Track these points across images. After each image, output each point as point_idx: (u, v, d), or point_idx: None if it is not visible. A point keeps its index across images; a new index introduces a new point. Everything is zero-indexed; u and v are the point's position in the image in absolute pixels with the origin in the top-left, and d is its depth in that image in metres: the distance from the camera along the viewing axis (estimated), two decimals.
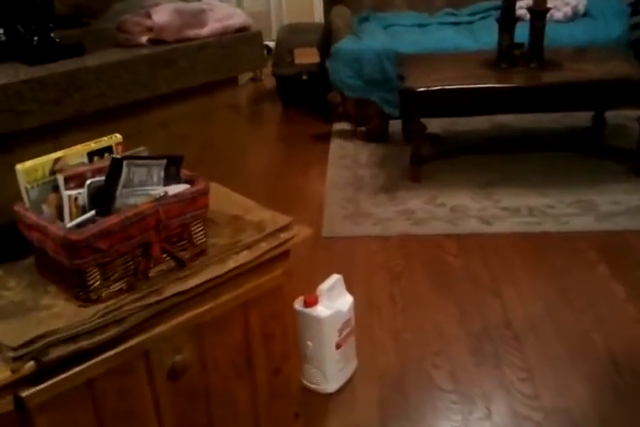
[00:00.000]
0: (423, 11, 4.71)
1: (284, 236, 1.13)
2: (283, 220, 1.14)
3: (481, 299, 2.37)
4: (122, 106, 1.20)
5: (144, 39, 1.21)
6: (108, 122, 1.20)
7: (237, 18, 1.29)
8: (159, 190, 1.04)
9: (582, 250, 2.65)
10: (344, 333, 1.95)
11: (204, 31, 1.25)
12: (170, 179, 1.09)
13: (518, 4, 4.28)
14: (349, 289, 2.46)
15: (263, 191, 3.38)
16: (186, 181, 1.11)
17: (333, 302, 1.93)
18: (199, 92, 1.30)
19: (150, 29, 1.21)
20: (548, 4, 4.13)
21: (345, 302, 1.98)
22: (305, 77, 4.58)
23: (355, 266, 2.65)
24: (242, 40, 1.28)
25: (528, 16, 3.26)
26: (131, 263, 1.01)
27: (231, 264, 1.07)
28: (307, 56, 4.92)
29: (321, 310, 1.88)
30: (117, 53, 1.20)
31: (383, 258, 2.70)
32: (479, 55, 3.56)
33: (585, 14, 4.31)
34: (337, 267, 2.62)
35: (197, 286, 1.03)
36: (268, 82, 5.16)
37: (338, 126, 4.20)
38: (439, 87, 3.03)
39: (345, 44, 4.10)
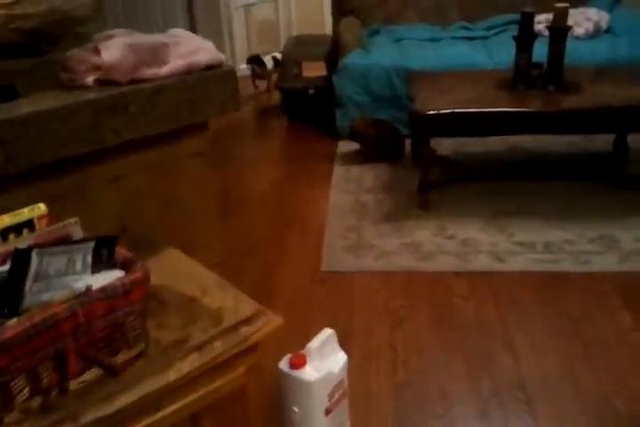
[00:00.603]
0: (436, 23, 4.50)
1: (245, 331, 0.92)
2: (246, 308, 0.92)
3: (491, 352, 2.15)
4: (61, 161, 0.99)
5: (90, 80, 1.01)
6: (42, 181, 1.00)
7: (206, 53, 1.08)
8: (83, 281, 0.83)
9: (604, 293, 2.42)
10: (335, 396, 1.72)
11: (164, 70, 1.05)
12: (100, 264, 0.88)
13: (537, 19, 4.06)
14: (347, 334, 2.26)
15: (261, 217, 3.17)
16: (122, 265, 0.89)
17: (324, 361, 1.71)
18: (158, 140, 1.09)
19: (98, 68, 1.00)
20: (569, 20, 3.91)
21: (337, 360, 1.75)
22: (311, 92, 4.37)
23: (354, 307, 2.43)
24: (210, 79, 1.08)
25: (547, 32, 3.03)
26: (43, 377, 0.80)
27: (171, 376, 0.85)
28: (314, 69, 4.71)
29: (309, 372, 1.66)
30: (56, 97, 0.99)
31: (385, 298, 2.48)
32: (494, 75, 3.34)
33: (607, 31, 4.08)
34: (334, 308, 2.42)
35: (127, 405, 0.81)
36: (276, 95, 4.96)
37: (344, 145, 3.98)
38: (450, 110, 2.81)
39: (352, 58, 3.90)
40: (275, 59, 4.86)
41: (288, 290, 2.57)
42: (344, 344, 2.19)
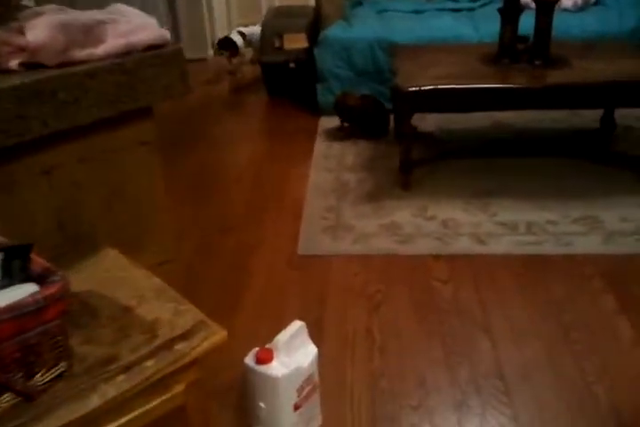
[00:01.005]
0: None
1: (182, 347, 0.83)
2: (185, 320, 0.84)
3: (470, 337, 2.09)
4: None
5: (14, 63, 0.91)
6: None
7: (148, 31, 0.97)
8: None
9: (587, 277, 2.36)
10: (304, 391, 1.66)
11: (99, 51, 0.94)
12: (11, 277, 0.79)
13: None
14: (321, 320, 2.20)
15: (238, 195, 3.08)
16: (38, 278, 0.80)
17: (292, 355, 1.64)
18: (97, 128, 0.99)
19: (23, 50, 0.90)
20: None
21: (307, 354, 1.68)
22: (292, 65, 4.24)
23: (330, 292, 2.36)
24: (152, 61, 0.97)
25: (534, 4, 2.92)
26: None
27: (95, 401, 0.77)
28: (296, 42, 4.57)
29: (276, 367, 1.59)
30: None
31: (363, 282, 2.41)
32: (479, 48, 3.23)
33: (597, 3, 3.96)
34: (310, 293, 2.35)
35: None
36: (255, 69, 4.81)
37: (325, 121, 3.87)
38: (432, 87, 2.70)
39: (334, 31, 3.78)
40: (241, 33, 4.70)
41: (263, 274, 2.49)
42: (319, 331, 2.14)
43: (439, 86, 2.69)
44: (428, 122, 3.77)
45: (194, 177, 3.32)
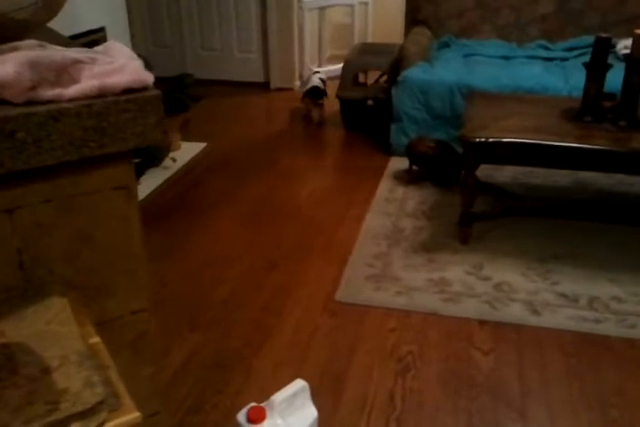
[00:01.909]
0: (513, 40, 4.18)
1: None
2: (92, 395, 0.73)
3: (501, 421, 1.88)
4: None
5: None
6: None
7: (126, 74, 0.89)
8: None
9: None
10: None
11: (70, 92, 0.86)
12: None
13: (624, 43, 3.71)
14: (343, 376, 2.05)
15: (290, 231, 2.99)
16: None
17: (287, 417, 1.51)
18: (66, 169, 0.91)
19: None
20: None
21: (304, 418, 1.55)
22: (370, 103, 4.15)
23: (361, 346, 2.21)
24: (126, 106, 0.89)
25: None
26: None
27: None
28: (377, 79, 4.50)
29: None
30: None
31: (397, 340, 2.24)
32: (563, 102, 3.03)
33: None
34: (338, 344, 2.21)
35: None
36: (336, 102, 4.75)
37: (395, 162, 3.75)
38: (499, 139, 2.53)
39: (414, 72, 3.66)
40: (322, 80, 4.62)
41: (295, 316, 2.37)
42: (338, 387, 2.00)
43: (504, 139, 2.51)
44: (504, 173, 3.58)
45: (254, 205, 3.26)
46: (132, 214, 1.00)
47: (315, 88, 4.40)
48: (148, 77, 0.92)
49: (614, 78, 2.69)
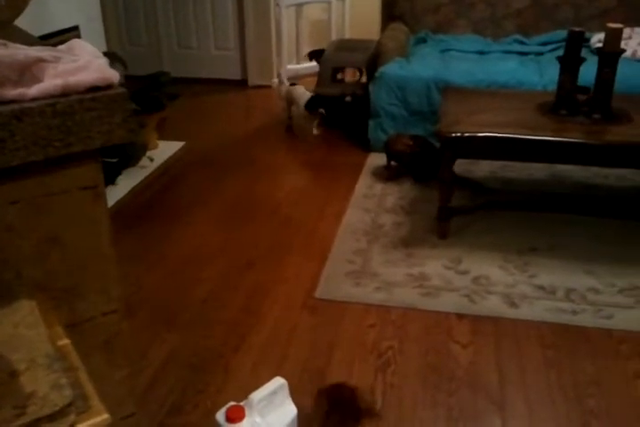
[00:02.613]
0: (489, 35, 4.20)
1: None
2: (60, 398, 0.72)
3: (480, 414, 1.89)
4: None
5: None
6: None
7: (90, 72, 0.88)
8: None
9: (623, 357, 2.12)
10: None
11: (33, 91, 0.85)
12: None
13: (596, 37, 3.74)
14: (323, 373, 2.05)
15: (268, 229, 2.99)
16: None
17: (267, 416, 1.51)
18: (31, 169, 0.90)
19: None
20: (633, 40, 3.58)
21: (284, 415, 1.55)
22: (348, 99, 4.15)
23: (341, 342, 2.21)
24: (91, 105, 0.88)
25: None
26: None
27: None
28: (355, 76, 4.51)
29: None
30: None
31: (377, 335, 2.25)
32: (538, 96, 3.06)
33: None
34: (319, 341, 2.21)
35: None
36: None
37: (373, 158, 3.75)
38: (475, 134, 2.54)
39: (391, 68, 3.67)
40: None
41: (274, 314, 2.37)
42: (318, 384, 2.00)
43: (480, 134, 2.52)
44: (481, 167, 3.60)
45: (233, 204, 3.25)
46: (100, 215, 0.99)
47: (314, 98, 3.93)
48: (113, 75, 0.91)
49: (588, 72, 2.71)
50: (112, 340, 1.15)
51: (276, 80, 5.37)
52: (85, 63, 0.89)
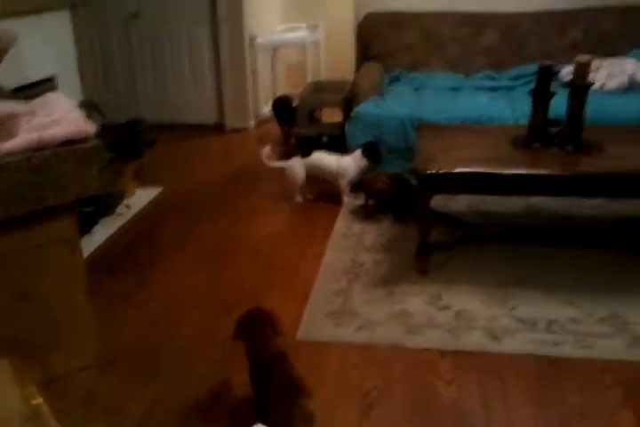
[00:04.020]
0: (461, 71, 4.30)
1: None
2: None
3: None
4: None
5: None
6: None
7: (65, 125, 0.90)
8: None
9: (606, 386, 2.12)
10: None
11: (7, 146, 0.87)
12: None
13: (566, 70, 3.83)
14: (307, 417, 2.02)
15: (248, 272, 2.98)
16: None
17: None
18: (4, 225, 0.90)
19: None
20: (601, 72, 3.67)
21: None
22: (325, 139, 4.21)
23: (323, 384, 2.19)
24: (65, 157, 0.89)
25: None
26: None
27: None
28: (332, 116, 4.58)
29: None
30: None
31: (360, 376, 2.23)
32: (511, 130, 3.12)
33: None
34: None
35: None
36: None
37: (349, 199, 3.77)
38: (450, 171, 2.58)
39: (366, 107, 3.73)
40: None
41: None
42: None
43: (455, 170, 2.56)
44: (458, 201, 3.63)
45: (212, 248, 3.25)
46: (75, 268, 0.99)
47: (371, 144, 3.60)
48: (89, 128, 0.93)
49: (559, 104, 2.78)
50: (89, 395, 1.14)
51: (252, 122, 5.42)
52: (60, 117, 0.91)
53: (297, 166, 3.66)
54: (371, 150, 3.58)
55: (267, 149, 3.71)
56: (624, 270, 2.81)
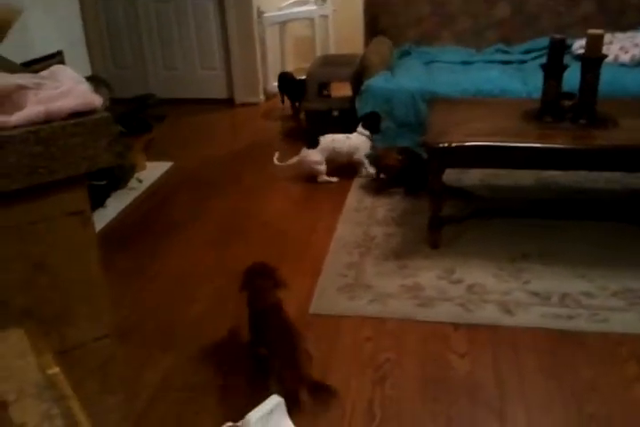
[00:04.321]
0: (472, 45, 4.23)
1: None
2: None
3: (479, 424, 1.88)
4: None
5: None
6: None
7: (72, 98, 0.88)
8: None
9: (620, 360, 2.12)
10: None
11: (14, 118, 0.85)
12: None
13: (578, 44, 3.78)
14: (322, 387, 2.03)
15: (259, 246, 2.98)
16: None
17: None
18: (16, 197, 0.90)
19: None
20: (614, 45, 3.61)
21: None
22: (335, 114, 4.17)
23: (337, 356, 2.20)
24: (74, 130, 0.88)
25: None
26: None
27: None
28: (342, 90, 4.53)
29: None
30: None
31: (373, 348, 2.24)
32: (524, 103, 3.08)
33: None
34: (314, 357, 2.18)
35: None
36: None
37: (369, 169, 3.75)
38: (462, 144, 2.55)
39: (376, 81, 3.69)
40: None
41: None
42: (315, 401, 1.98)
43: (467, 143, 2.54)
44: (470, 175, 3.61)
45: (223, 222, 3.25)
46: (88, 240, 0.98)
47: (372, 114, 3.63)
48: (96, 100, 0.91)
49: (572, 78, 2.73)
50: (105, 365, 1.14)
51: (262, 97, 5.39)
52: (67, 89, 0.89)
53: (313, 156, 3.61)
54: (371, 121, 3.58)
55: (277, 155, 3.67)
56: (638, 244, 2.79)
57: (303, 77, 4.46)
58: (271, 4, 5.32)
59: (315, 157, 3.61)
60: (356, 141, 3.60)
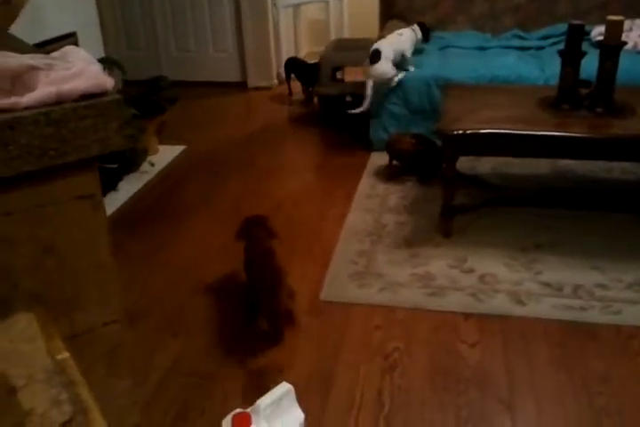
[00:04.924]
0: (488, 31, 4.17)
1: None
2: (60, 414, 0.71)
3: (489, 414, 1.87)
4: None
5: None
6: None
7: (84, 79, 0.86)
8: None
9: (633, 353, 2.10)
10: None
11: (26, 100, 0.84)
12: None
13: (597, 30, 3.71)
14: (330, 377, 2.03)
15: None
16: None
17: (273, 422, 1.49)
18: (26, 180, 0.88)
19: None
20: (633, 32, 3.55)
21: (291, 422, 1.53)
22: (349, 99, 4.14)
23: (346, 344, 2.20)
24: (85, 112, 0.86)
25: None
26: None
27: None
28: (355, 75, 4.49)
29: None
30: None
31: (382, 337, 2.23)
32: (541, 90, 3.03)
33: None
34: (325, 344, 2.19)
35: None
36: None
37: (375, 158, 3.73)
38: (476, 131, 2.52)
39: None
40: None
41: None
42: (326, 387, 1.98)
43: (482, 131, 2.50)
44: (483, 163, 3.57)
45: (235, 206, 3.24)
46: (98, 224, 0.97)
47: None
48: (108, 82, 0.89)
49: (589, 65, 2.69)
50: (114, 350, 1.13)
51: (275, 81, 5.34)
52: (79, 70, 0.87)
53: (383, 67, 3.53)
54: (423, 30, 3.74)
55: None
56: None
57: (315, 61, 4.42)
58: None
59: (384, 67, 3.54)
60: (408, 39, 3.64)
